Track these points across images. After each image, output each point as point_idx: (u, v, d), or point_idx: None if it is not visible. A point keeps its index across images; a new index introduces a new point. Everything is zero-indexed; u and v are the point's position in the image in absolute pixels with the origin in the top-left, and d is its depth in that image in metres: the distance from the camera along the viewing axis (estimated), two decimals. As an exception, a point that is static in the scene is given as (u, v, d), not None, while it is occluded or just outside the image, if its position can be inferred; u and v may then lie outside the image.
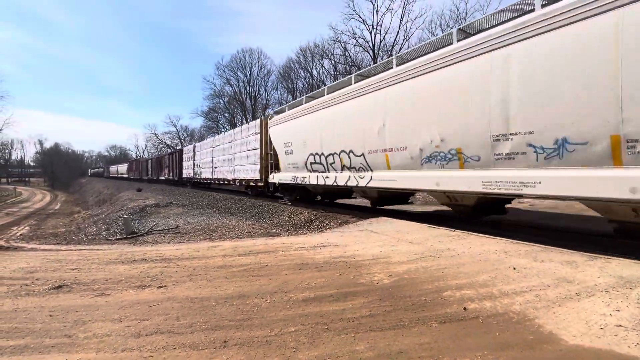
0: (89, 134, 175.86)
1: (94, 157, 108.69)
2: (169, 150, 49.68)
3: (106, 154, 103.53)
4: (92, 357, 2.16)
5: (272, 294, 3.20)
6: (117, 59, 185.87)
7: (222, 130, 43.51)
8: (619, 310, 2.57)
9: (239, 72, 43.78)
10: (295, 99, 32.53)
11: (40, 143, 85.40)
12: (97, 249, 5.75)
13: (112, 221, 11.57)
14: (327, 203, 12.15)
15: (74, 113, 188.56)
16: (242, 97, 44.30)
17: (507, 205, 7.06)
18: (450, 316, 2.62)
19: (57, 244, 7.85)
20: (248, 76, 43.56)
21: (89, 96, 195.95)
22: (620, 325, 2.35)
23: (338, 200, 12.40)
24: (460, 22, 26.14)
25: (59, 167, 69.07)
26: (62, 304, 3.04)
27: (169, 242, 6.94)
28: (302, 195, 12.09)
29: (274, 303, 2.97)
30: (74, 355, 2.18)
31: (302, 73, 37.31)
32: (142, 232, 8.63)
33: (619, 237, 4.56)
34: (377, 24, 28.76)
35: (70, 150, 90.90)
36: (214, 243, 6.11)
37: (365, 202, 13.33)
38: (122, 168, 56.17)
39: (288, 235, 7.30)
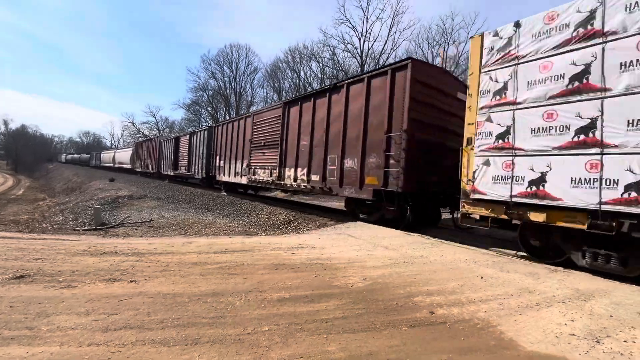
0: (60, 117, 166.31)
1: (64, 142, 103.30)
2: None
3: (78, 140, 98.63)
4: (56, 350, 2.08)
5: (247, 292, 3.19)
6: (96, 41, 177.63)
7: (204, 124, 42.15)
8: (573, 321, 2.76)
9: (224, 67, 43.07)
10: (282, 98, 32.17)
11: (5, 123, 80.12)
12: (64, 239, 5.49)
13: (80, 211, 11.06)
14: (307, 205, 12.02)
15: (45, 93, 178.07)
16: (227, 93, 43.58)
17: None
18: (420, 320, 2.72)
19: (19, 231, 7.43)
20: (234, 72, 42.94)
21: (62, 77, 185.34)
22: (574, 335, 2.53)
23: (316, 203, 12.00)
24: (446, 37, 27.01)
25: (25, 151, 64.98)
26: (24, 295, 2.89)
27: (141, 236, 6.73)
28: None
29: (248, 302, 2.97)
30: (35, 349, 2.09)
31: (290, 73, 37.22)
32: (113, 224, 8.32)
33: None
34: (367, 31, 29.20)
35: (38, 134, 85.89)
36: (189, 239, 5.99)
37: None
38: (123, 155, 37.58)
39: (266, 235, 7.27)
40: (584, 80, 4.17)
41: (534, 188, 4.55)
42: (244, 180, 12.84)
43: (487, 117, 5.15)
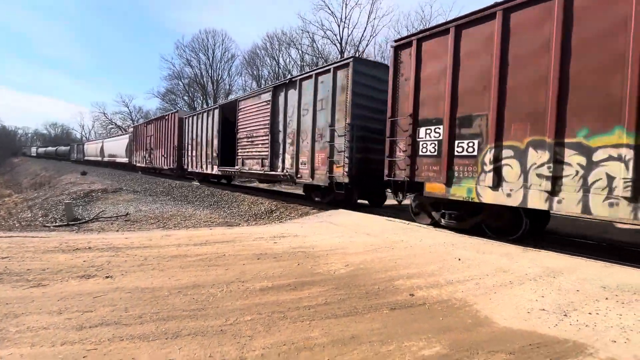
0: (24, 109, 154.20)
1: (29, 134, 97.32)
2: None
3: (45, 132, 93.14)
4: (26, 352, 1.99)
5: (228, 283, 3.16)
6: (60, 26, 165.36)
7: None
8: (543, 297, 2.91)
9: (200, 54, 41.46)
10: (261, 86, 31.38)
11: (-38, 115, 74.51)
12: (33, 237, 5.22)
13: (50, 206, 10.54)
14: (289, 194, 11.77)
15: (6, 83, 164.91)
16: (204, 81, 42.16)
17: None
18: (400, 303, 2.79)
19: (-17, 230, 7.00)
20: (210, 59, 41.45)
21: (25, 65, 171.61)
22: (544, 310, 2.67)
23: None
24: (425, 24, 27.10)
25: (-14, 144, 60.84)
26: (-10, 296, 2.74)
27: (117, 230, 6.51)
28: None
29: (230, 293, 2.94)
30: (3, 351, 1.99)
31: (268, 60, 36.39)
32: (87, 219, 7.99)
33: None
34: (346, 17, 28.88)
35: (0, 126, 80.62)
36: (168, 232, 5.85)
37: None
38: (115, 145, 28.28)
39: (247, 225, 7.21)
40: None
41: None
42: None
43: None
